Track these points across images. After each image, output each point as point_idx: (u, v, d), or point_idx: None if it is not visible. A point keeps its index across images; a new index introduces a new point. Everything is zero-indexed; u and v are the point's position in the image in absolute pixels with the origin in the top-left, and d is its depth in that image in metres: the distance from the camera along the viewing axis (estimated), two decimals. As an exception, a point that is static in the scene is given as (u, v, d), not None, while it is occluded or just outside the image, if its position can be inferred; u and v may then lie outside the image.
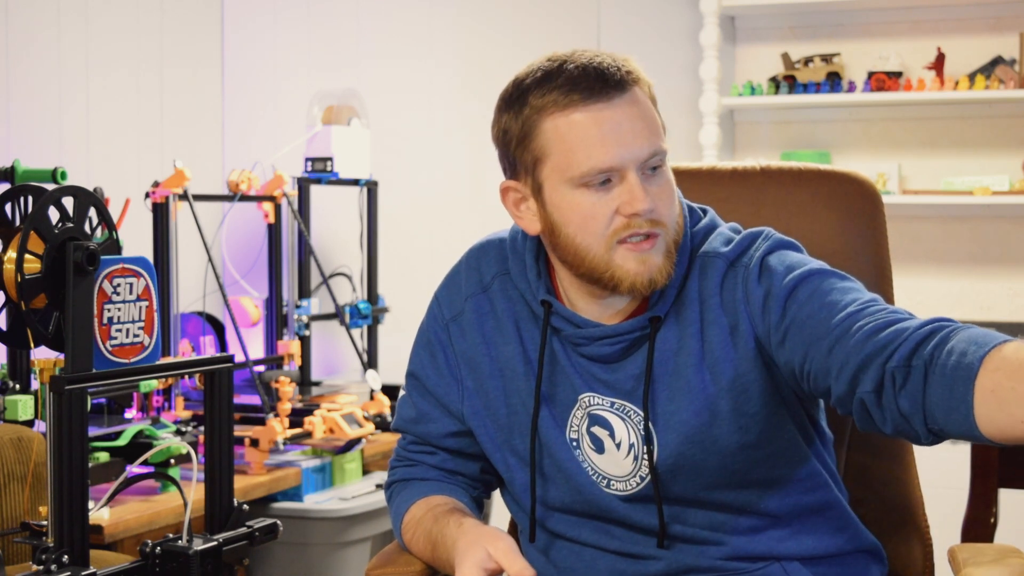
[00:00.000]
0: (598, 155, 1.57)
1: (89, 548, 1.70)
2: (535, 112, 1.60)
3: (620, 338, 1.67)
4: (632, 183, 1.58)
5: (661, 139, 1.61)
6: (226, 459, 1.87)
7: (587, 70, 1.58)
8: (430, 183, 4.56)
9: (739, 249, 1.67)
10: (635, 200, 1.57)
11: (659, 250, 1.61)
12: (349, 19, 4.65)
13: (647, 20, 4.36)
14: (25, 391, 2.59)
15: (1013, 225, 4.08)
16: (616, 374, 1.68)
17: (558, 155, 1.60)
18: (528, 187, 1.65)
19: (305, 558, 3.44)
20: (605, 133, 1.57)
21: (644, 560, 1.71)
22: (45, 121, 3.94)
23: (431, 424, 1.81)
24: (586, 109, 1.58)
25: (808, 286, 1.60)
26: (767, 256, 1.65)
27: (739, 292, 1.64)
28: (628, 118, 1.58)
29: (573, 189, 1.60)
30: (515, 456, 1.75)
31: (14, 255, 1.67)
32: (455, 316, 1.78)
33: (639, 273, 1.60)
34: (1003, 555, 1.73)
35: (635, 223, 1.59)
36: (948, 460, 3.71)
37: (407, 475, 1.84)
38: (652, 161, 1.60)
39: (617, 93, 1.58)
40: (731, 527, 1.69)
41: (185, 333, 3.72)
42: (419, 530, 1.74)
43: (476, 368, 1.76)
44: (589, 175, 1.58)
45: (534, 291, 1.71)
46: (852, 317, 1.54)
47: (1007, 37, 4.06)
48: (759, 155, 4.28)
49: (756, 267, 1.64)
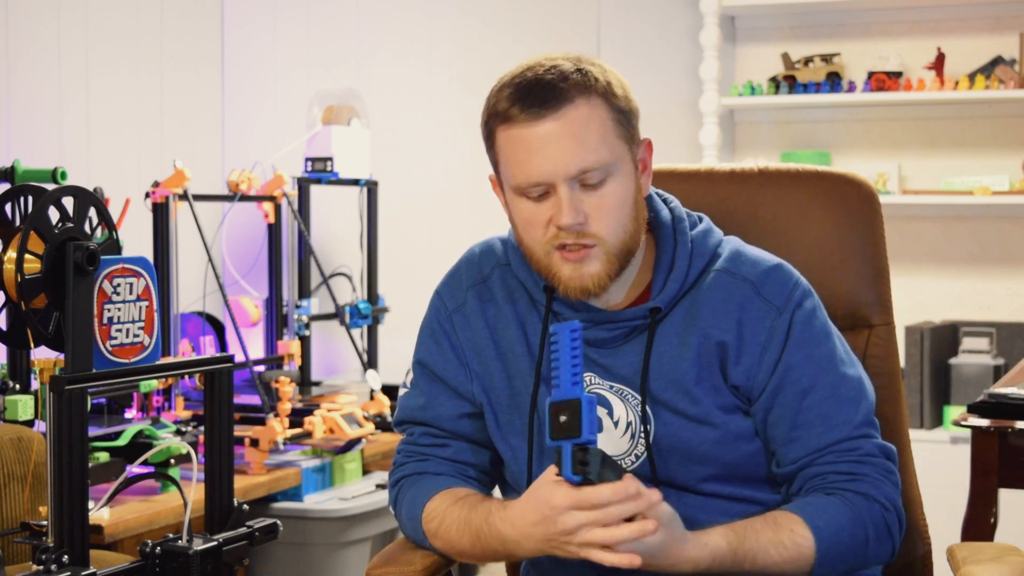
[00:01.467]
0: (527, 170, 1.67)
1: (89, 548, 1.70)
2: (492, 119, 1.71)
3: (619, 324, 1.74)
4: (561, 197, 1.66)
5: (599, 153, 1.66)
6: (226, 459, 1.87)
7: (531, 84, 1.66)
8: (430, 183, 4.57)
9: (774, 289, 1.75)
10: (561, 214, 1.66)
11: (595, 259, 1.68)
12: (349, 19, 4.65)
13: (647, 20, 4.36)
14: (25, 391, 2.59)
15: (1013, 225, 4.08)
16: (614, 359, 1.75)
17: (504, 163, 1.71)
18: (500, 186, 1.77)
19: (305, 558, 3.44)
20: (534, 150, 1.66)
21: None
22: (45, 121, 3.94)
23: (440, 407, 1.83)
24: (520, 125, 1.66)
25: (807, 377, 1.72)
26: (796, 312, 1.74)
27: (764, 324, 1.73)
28: (557, 136, 1.65)
29: (516, 196, 1.71)
30: (516, 436, 1.79)
31: (14, 255, 1.68)
32: (458, 307, 1.83)
33: (572, 279, 1.69)
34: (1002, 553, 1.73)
35: (562, 235, 1.67)
36: (948, 460, 3.71)
37: (419, 469, 1.84)
38: (587, 176, 1.66)
39: (549, 111, 1.65)
40: (722, 511, 1.73)
41: (185, 333, 3.72)
42: (448, 518, 1.74)
43: (481, 353, 1.81)
44: (523, 187, 1.68)
45: (536, 278, 1.77)
46: (818, 451, 1.72)
47: (1007, 37, 4.06)
48: (759, 155, 4.28)
49: (786, 323, 1.73)
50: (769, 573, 1.65)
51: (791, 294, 1.75)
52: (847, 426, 1.72)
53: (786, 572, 1.65)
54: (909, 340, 3.90)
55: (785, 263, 1.78)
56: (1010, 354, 3.98)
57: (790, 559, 1.65)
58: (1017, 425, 2.30)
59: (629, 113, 1.70)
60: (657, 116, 4.30)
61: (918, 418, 3.90)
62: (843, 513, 1.68)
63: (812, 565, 1.66)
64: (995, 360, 3.95)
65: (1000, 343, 4.01)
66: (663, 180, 2.00)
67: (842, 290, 1.95)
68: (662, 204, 1.80)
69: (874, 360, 1.94)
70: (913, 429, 3.75)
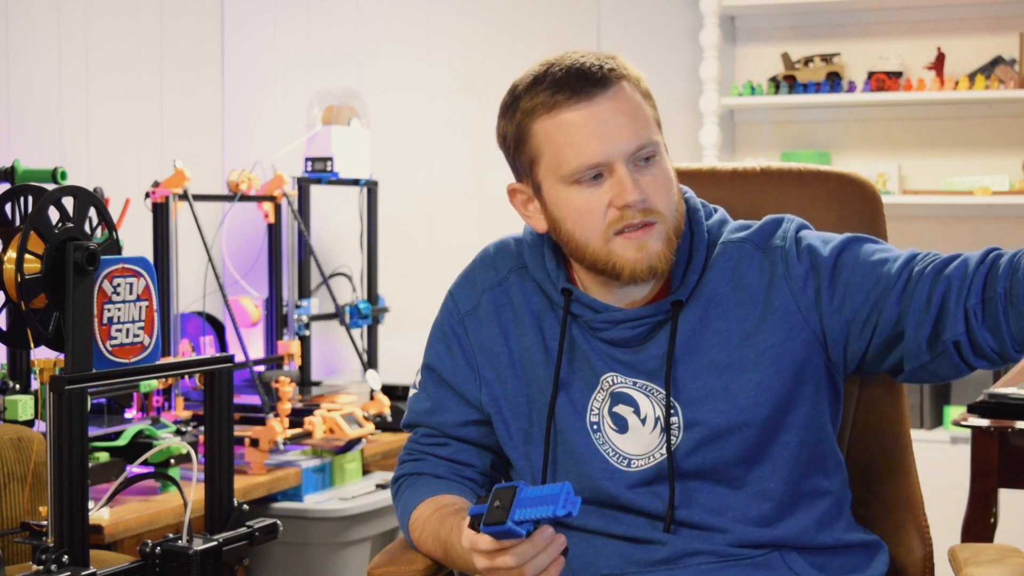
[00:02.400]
0: (585, 152, 1.64)
1: (89, 548, 1.70)
2: (526, 116, 1.68)
3: (642, 321, 1.71)
4: (621, 176, 1.64)
5: (650, 131, 1.67)
6: (226, 459, 1.87)
7: (570, 71, 1.65)
8: (430, 183, 4.56)
9: (766, 233, 1.74)
10: (625, 192, 1.63)
11: (657, 237, 1.66)
12: (349, 19, 4.65)
13: (647, 20, 4.36)
14: (25, 391, 2.59)
15: (1013, 225, 4.08)
16: (638, 355, 1.73)
17: (549, 155, 1.66)
18: (530, 187, 1.72)
19: (305, 558, 3.44)
20: (590, 130, 1.63)
21: (651, 545, 1.72)
22: (45, 121, 3.94)
23: (447, 413, 1.82)
24: (570, 109, 1.64)
25: (851, 252, 1.69)
26: (799, 234, 1.73)
27: (779, 270, 1.70)
28: (612, 113, 1.64)
29: (567, 186, 1.66)
30: (532, 444, 1.77)
31: (14, 255, 1.68)
32: (472, 309, 1.81)
33: (638, 260, 1.66)
34: (1003, 555, 1.74)
35: (628, 214, 1.64)
36: (948, 460, 3.71)
37: (415, 469, 1.84)
38: (642, 153, 1.66)
39: (599, 91, 1.64)
40: (735, 514, 1.72)
41: (185, 333, 3.72)
42: (427, 529, 1.74)
43: (494, 359, 1.79)
44: (578, 172, 1.65)
45: (554, 280, 1.76)
46: (910, 263, 1.64)
47: (1007, 37, 4.06)
48: (759, 155, 4.28)
49: (792, 246, 1.72)
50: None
51: (786, 229, 1.74)
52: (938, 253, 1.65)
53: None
54: (909, 340, 3.90)
55: (784, 214, 1.78)
56: (1010, 354, 3.98)
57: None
58: (1017, 425, 2.30)
59: (653, 100, 1.72)
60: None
61: (918, 418, 3.90)
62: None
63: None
64: (995, 360, 3.95)
65: (1000, 343, 4.01)
66: (664, 180, 2.00)
67: (843, 290, 1.94)
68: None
69: (874, 360, 1.94)
70: (913, 429, 3.73)
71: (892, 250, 1.70)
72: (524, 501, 1.44)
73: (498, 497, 1.46)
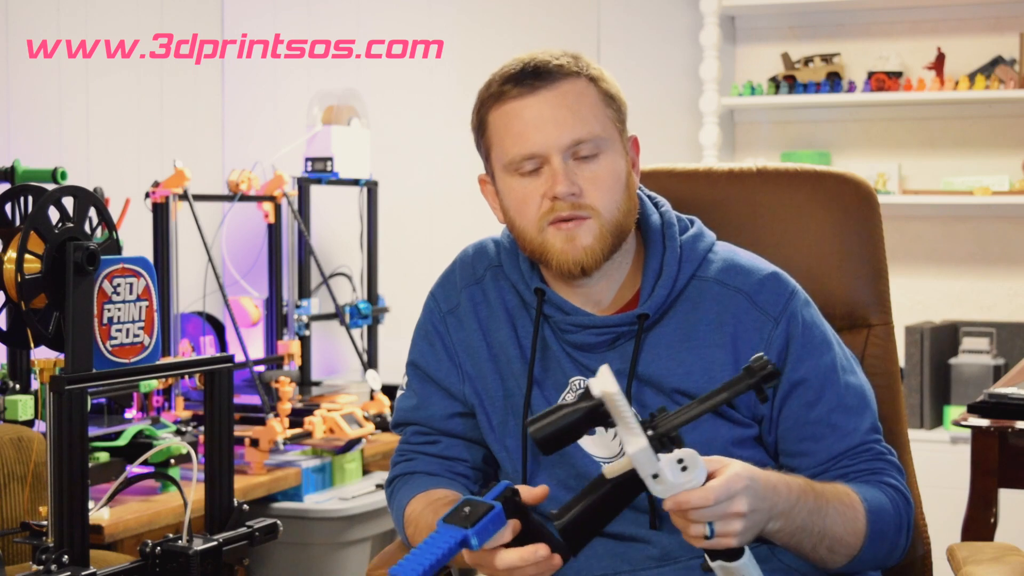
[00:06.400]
0: (522, 142, 1.69)
1: (89, 548, 1.70)
2: (483, 106, 1.75)
3: (607, 330, 1.73)
4: (555, 167, 1.68)
5: (592, 127, 1.69)
6: (226, 459, 1.87)
7: (525, 66, 1.70)
8: (430, 183, 4.57)
9: (769, 298, 1.73)
10: (555, 183, 1.68)
11: (588, 232, 1.69)
12: (349, 19, 4.65)
13: (647, 20, 4.36)
14: (25, 391, 2.59)
15: (1013, 225, 4.08)
16: (601, 364, 1.71)
17: (497, 144, 1.73)
18: (490, 177, 1.78)
19: (305, 558, 3.44)
20: (527, 121, 1.68)
21: (639, 543, 1.73)
22: (45, 121, 3.94)
23: (432, 407, 1.84)
24: (515, 100, 1.70)
25: (812, 390, 1.72)
26: (793, 322, 1.73)
27: (762, 336, 1.71)
28: (552, 107, 1.68)
29: (510, 176, 1.72)
30: (511, 437, 1.79)
31: (14, 255, 1.68)
32: (452, 309, 1.84)
33: (564, 252, 1.69)
34: (1003, 553, 1.74)
35: (558, 206, 1.68)
36: (948, 460, 3.71)
37: (407, 469, 1.85)
38: (580, 149, 1.69)
39: (544, 84, 1.69)
40: None
41: (185, 333, 3.72)
42: (420, 523, 1.75)
43: (474, 354, 1.81)
44: (516, 161, 1.70)
45: (527, 280, 1.78)
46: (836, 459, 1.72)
47: (1007, 37, 4.06)
48: (759, 155, 4.28)
49: (784, 334, 1.72)
50: (830, 539, 1.61)
51: (787, 304, 1.73)
52: (857, 433, 1.72)
53: (843, 543, 1.63)
54: (909, 340, 3.90)
55: (781, 271, 1.77)
56: (1010, 354, 3.98)
57: (850, 527, 1.63)
58: (1017, 425, 2.30)
59: (619, 102, 1.74)
60: (657, 116, 4.30)
61: (918, 418, 3.90)
62: (879, 497, 1.68)
63: (863, 540, 1.64)
64: (995, 360, 3.95)
65: (1000, 343, 4.02)
66: (662, 180, 2.01)
67: (841, 290, 1.95)
68: (653, 208, 1.80)
69: (873, 360, 1.94)
70: (913, 429, 3.75)
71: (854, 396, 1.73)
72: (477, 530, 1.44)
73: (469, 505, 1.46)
